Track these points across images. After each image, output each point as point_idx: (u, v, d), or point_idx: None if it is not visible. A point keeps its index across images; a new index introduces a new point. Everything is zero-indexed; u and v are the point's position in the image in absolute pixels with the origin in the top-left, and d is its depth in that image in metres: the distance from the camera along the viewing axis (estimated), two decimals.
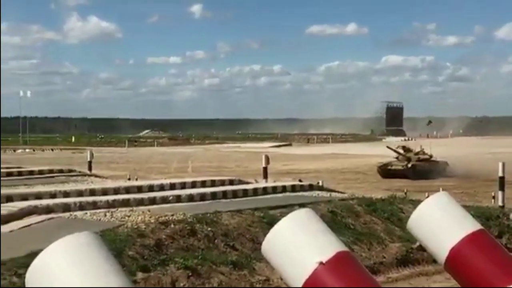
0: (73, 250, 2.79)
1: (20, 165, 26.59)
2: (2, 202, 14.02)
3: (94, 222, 12.44)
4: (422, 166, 42.62)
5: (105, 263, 2.75)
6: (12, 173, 23.01)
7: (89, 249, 2.81)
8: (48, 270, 2.78)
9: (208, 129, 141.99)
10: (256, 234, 12.73)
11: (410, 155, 43.88)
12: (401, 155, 44.03)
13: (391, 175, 40.64)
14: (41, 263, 2.81)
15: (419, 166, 42.05)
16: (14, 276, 9.23)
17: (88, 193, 16.15)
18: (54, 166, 26.49)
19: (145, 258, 10.73)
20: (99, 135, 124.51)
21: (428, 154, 44.81)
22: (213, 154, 61.23)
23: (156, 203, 15.30)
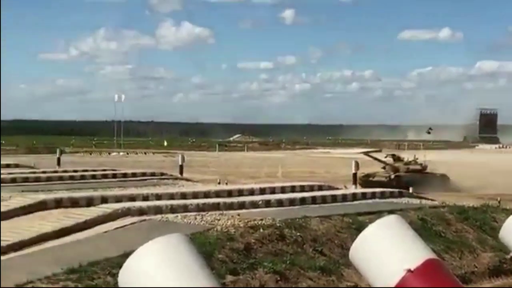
0: (165, 251, 2.87)
1: (114, 168, 27.27)
2: (98, 203, 14.45)
3: (184, 225, 12.66)
4: (409, 177, 38.50)
5: (195, 264, 2.82)
6: (107, 175, 23.68)
7: (179, 250, 2.88)
8: (140, 270, 2.87)
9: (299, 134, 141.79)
10: (344, 240, 12.67)
11: (398, 165, 40.55)
12: (387, 164, 40.61)
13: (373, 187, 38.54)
14: (133, 264, 2.90)
15: (405, 177, 38.05)
16: (108, 276, 9.51)
17: (179, 196, 16.42)
18: (146, 169, 27.05)
19: (234, 262, 10.85)
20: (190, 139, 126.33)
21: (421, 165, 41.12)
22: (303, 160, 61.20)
23: (246, 207, 15.42)
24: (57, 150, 32.86)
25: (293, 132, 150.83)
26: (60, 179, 21.93)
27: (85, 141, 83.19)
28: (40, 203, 14.23)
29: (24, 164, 29.27)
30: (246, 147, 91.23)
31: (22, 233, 12.12)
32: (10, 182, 20.12)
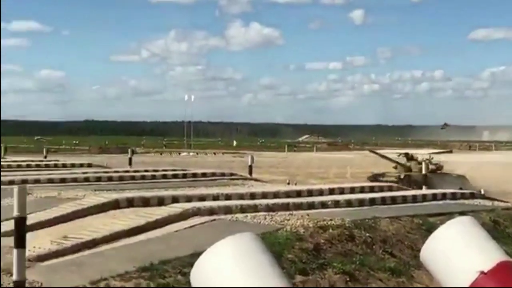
0: (236, 250, 2.92)
1: (184, 168, 27.62)
2: (168, 203, 14.68)
3: (254, 225, 12.74)
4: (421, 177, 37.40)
5: (266, 263, 2.86)
6: (177, 175, 24.01)
7: (251, 249, 2.92)
8: (212, 268, 2.92)
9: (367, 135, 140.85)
10: (415, 241, 12.54)
11: (410, 165, 38.50)
12: (398, 164, 38.75)
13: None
14: (205, 262, 2.95)
15: (415, 177, 35.76)
16: (179, 275, 9.65)
17: (248, 196, 16.52)
18: (216, 169, 27.32)
19: (303, 262, 10.86)
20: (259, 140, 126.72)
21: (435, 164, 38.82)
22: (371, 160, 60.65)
23: (315, 207, 15.41)
24: (129, 150, 33.47)
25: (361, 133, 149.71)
26: (132, 178, 22.36)
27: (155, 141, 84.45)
28: (112, 202, 14.54)
29: (96, 164, 29.96)
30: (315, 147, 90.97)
31: (95, 231, 12.41)
32: (83, 181, 20.65)
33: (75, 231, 12.73)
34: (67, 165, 28.15)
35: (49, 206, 14.69)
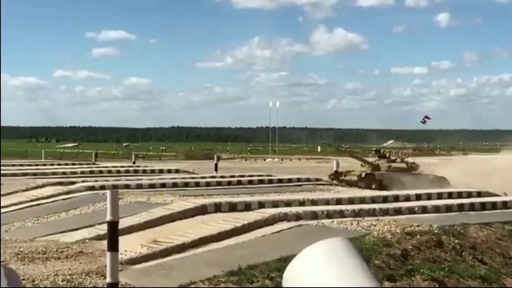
0: (328, 254, 2.97)
1: (270, 174, 27.76)
2: (255, 208, 14.81)
3: (341, 230, 12.71)
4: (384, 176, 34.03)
5: (358, 266, 2.90)
6: (263, 180, 24.20)
7: (343, 253, 2.97)
8: (305, 272, 2.98)
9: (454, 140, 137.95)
10: (506, 248, 12.27)
11: (379, 163, 36.09)
12: (364, 161, 36.64)
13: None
14: (298, 265, 3.02)
15: (381, 176, 33.82)
16: (267, 279, 9.73)
17: (334, 201, 16.50)
18: (301, 175, 27.36)
19: (391, 268, 10.78)
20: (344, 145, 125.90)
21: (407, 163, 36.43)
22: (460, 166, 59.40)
23: (402, 213, 15.25)
24: (215, 156, 33.88)
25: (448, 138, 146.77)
26: (219, 184, 22.68)
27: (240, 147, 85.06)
28: (200, 207, 14.79)
29: (183, 170, 30.51)
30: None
31: (184, 235, 12.65)
32: (172, 187, 21.07)
33: (164, 235, 13.02)
34: (156, 170, 28.78)
35: (139, 211, 15.06)
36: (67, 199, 18.06)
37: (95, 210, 16.13)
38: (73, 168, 29.53)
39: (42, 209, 16.91)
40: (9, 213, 16.75)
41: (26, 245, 12.73)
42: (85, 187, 19.40)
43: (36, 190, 19.60)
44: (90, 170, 28.34)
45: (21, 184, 20.97)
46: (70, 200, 17.76)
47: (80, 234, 13.67)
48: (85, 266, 10.83)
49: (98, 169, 28.72)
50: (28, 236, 13.77)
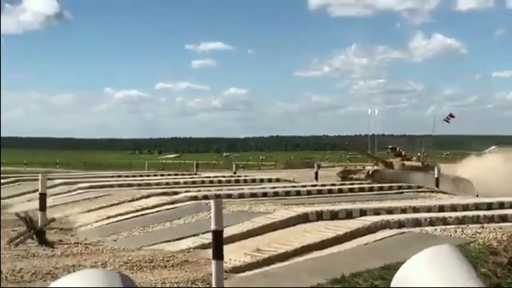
0: (436, 261, 2.99)
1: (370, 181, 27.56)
2: (356, 216, 14.78)
3: (444, 238, 12.50)
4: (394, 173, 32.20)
5: (469, 274, 2.90)
6: (363, 188, 24.12)
7: (451, 260, 2.98)
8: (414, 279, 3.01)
9: None
10: None
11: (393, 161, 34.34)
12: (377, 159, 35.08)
13: None
14: (407, 273, 3.05)
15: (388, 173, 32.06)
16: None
17: (437, 209, 16.24)
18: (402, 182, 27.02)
19: (498, 276, 10.52)
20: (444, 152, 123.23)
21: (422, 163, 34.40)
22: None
23: (508, 220, 14.86)
24: (315, 165, 33.91)
25: None
26: (319, 192, 22.72)
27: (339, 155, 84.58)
28: (302, 216, 14.87)
29: (284, 179, 30.67)
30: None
31: (286, 244, 12.77)
32: (273, 196, 21.25)
33: (267, 244, 13.17)
34: (256, 180, 29.07)
35: (241, 220, 15.28)
36: (171, 209, 18.51)
37: (198, 220, 16.47)
38: (176, 179, 30.23)
39: (148, 219, 17.40)
40: (117, 222, 17.35)
41: (134, 254, 13.16)
42: (188, 197, 19.83)
43: (142, 200, 20.18)
44: (193, 180, 28.93)
45: (127, 194, 21.63)
46: (174, 210, 18.19)
47: (185, 243, 14.01)
48: (191, 275, 11.10)
49: (200, 179, 29.27)
50: (136, 245, 14.22)
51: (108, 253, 13.28)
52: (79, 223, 17.78)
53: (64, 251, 13.55)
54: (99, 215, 18.51)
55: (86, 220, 17.97)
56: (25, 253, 13.20)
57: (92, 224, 17.46)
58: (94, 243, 14.62)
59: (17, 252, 13.38)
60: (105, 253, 13.30)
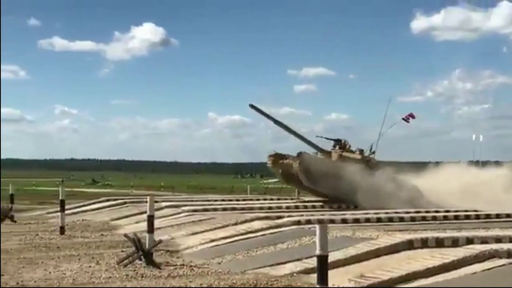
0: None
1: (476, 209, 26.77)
2: (463, 244, 14.44)
3: None
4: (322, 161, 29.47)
5: None
6: (469, 216, 23.57)
7: None
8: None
9: None
10: None
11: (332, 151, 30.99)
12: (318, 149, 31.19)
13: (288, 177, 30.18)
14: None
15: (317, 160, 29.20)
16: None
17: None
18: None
19: None
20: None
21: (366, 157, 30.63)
22: None
23: None
24: None
25: None
26: (423, 219, 22.38)
27: None
28: (406, 243, 14.66)
29: None
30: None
31: (391, 270, 12.63)
32: (376, 222, 21.10)
33: (371, 270, 13.06)
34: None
35: (344, 246, 15.21)
36: (275, 233, 18.62)
37: (301, 244, 16.51)
38: (278, 203, 30.40)
39: (252, 242, 17.57)
40: (221, 246, 17.62)
41: (238, 277, 13.36)
42: (291, 222, 19.92)
43: (245, 224, 20.40)
44: (295, 205, 29.02)
45: (231, 218, 21.92)
46: (278, 234, 18.29)
47: (288, 268, 14.07)
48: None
49: (303, 204, 29.33)
50: (240, 268, 14.39)
51: (213, 276, 13.53)
52: (184, 245, 18.15)
53: (171, 272, 13.89)
54: (203, 238, 18.84)
55: (191, 243, 18.32)
56: (134, 274, 13.62)
57: (197, 247, 17.79)
58: (199, 266, 14.88)
59: (126, 272, 13.82)
60: (210, 276, 13.55)
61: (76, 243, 18.87)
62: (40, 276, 13.44)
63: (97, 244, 18.61)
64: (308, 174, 29.15)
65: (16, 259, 15.74)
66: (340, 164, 29.52)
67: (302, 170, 29.03)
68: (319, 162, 29.92)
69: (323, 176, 28.83)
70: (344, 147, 31.64)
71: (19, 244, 18.76)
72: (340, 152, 31.01)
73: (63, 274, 13.70)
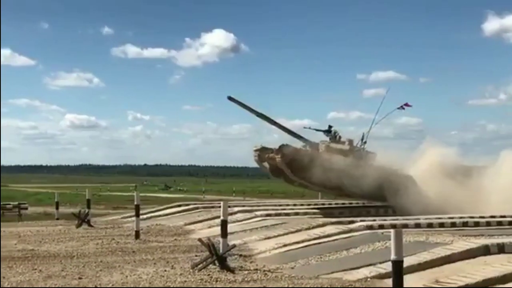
0: None
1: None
2: None
3: None
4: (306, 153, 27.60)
5: None
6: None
7: None
8: None
9: None
10: None
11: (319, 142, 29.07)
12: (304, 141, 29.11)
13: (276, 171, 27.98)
14: None
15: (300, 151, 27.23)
16: None
17: None
18: None
19: None
20: None
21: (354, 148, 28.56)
22: None
23: None
24: None
25: None
26: (499, 224, 21.96)
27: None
28: (482, 248, 14.43)
29: None
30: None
31: (467, 276, 12.45)
32: (450, 227, 20.80)
33: (446, 275, 12.91)
34: None
35: (418, 251, 15.05)
36: (347, 238, 18.57)
37: (374, 249, 16.43)
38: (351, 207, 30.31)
39: (324, 247, 17.57)
40: (294, 250, 17.67)
41: (311, 281, 13.39)
42: (364, 226, 19.82)
43: (318, 228, 20.39)
44: (367, 210, 28.87)
45: (303, 222, 21.95)
46: (350, 239, 18.23)
47: (362, 273, 14.01)
48: None
49: (374, 209, 29.17)
50: (313, 273, 14.42)
51: (286, 280, 13.59)
52: (257, 250, 18.28)
53: (245, 277, 14.01)
54: (276, 242, 18.92)
55: (264, 247, 18.42)
56: (208, 278, 13.80)
57: (270, 251, 17.88)
58: (272, 270, 14.97)
59: (201, 276, 14.01)
60: (284, 280, 13.62)
61: (151, 248, 19.22)
62: (117, 280, 13.76)
63: (172, 249, 18.91)
64: (292, 168, 27.77)
65: (94, 263, 16.14)
66: (326, 156, 28.14)
67: (285, 163, 27.63)
68: (303, 154, 28.24)
69: (308, 168, 27.40)
70: (335, 138, 30.10)
71: (96, 248, 19.22)
72: (327, 143, 29.60)
73: (139, 277, 13.99)
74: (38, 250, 18.73)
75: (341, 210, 29.09)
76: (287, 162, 27.31)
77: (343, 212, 28.11)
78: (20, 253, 18.10)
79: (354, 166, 27.57)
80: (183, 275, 14.20)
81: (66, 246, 19.61)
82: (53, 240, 21.29)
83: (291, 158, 27.34)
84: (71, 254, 17.75)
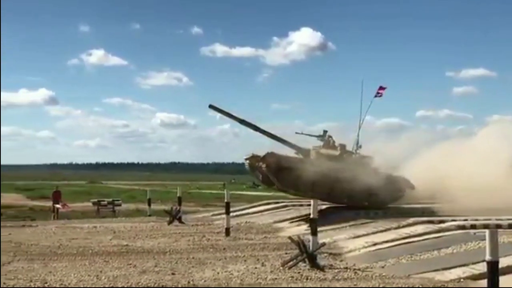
0: None
1: None
2: None
3: None
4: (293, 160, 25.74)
5: None
6: None
7: None
8: None
9: None
10: None
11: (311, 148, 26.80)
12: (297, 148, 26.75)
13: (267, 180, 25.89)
14: None
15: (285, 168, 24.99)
16: None
17: None
18: None
19: None
20: None
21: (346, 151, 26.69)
22: None
23: None
24: None
25: None
26: None
27: None
28: None
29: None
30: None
31: None
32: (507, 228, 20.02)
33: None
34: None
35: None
36: (438, 237, 18.29)
37: (467, 250, 16.14)
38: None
39: (414, 246, 17.38)
40: (384, 249, 17.56)
41: (402, 281, 13.31)
42: (455, 226, 19.46)
43: (407, 228, 20.16)
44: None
45: (392, 221, 21.75)
46: (441, 239, 17.95)
47: (454, 273, 13.81)
48: None
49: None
50: (404, 272, 14.31)
51: (377, 279, 13.54)
52: (347, 248, 18.25)
53: (335, 275, 14.04)
54: (366, 241, 18.84)
55: (354, 246, 18.38)
56: (299, 276, 13.91)
57: (360, 250, 17.83)
58: (362, 269, 14.95)
59: (291, 274, 14.13)
60: (374, 279, 13.58)
61: (241, 245, 19.46)
62: (209, 276, 14.02)
63: (262, 246, 19.11)
64: (279, 176, 25.93)
65: (186, 259, 16.50)
66: (316, 162, 26.34)
67: (271, 172, 25.85)
68: (291, 162, 26.30)
69: (296, 176, 25.57)
70: (328, 143, 27.99)
71: (188, 244, 19.62)
72: (318, 149, 27.70)
73: (231, 274, 14.22)
74: (133, 245, 19.27)
75: None
76: (273, 171, 25.84)
77: None
78: (116, 248, 18.68)
79: (344, 171, 25.83)
80: (274, 273, 14.35)
81: (158, 242, 20.10)
82: (146, 236, 21.86)
83: (277, 167, 25.81)
84: (164, 250, 18.18)
